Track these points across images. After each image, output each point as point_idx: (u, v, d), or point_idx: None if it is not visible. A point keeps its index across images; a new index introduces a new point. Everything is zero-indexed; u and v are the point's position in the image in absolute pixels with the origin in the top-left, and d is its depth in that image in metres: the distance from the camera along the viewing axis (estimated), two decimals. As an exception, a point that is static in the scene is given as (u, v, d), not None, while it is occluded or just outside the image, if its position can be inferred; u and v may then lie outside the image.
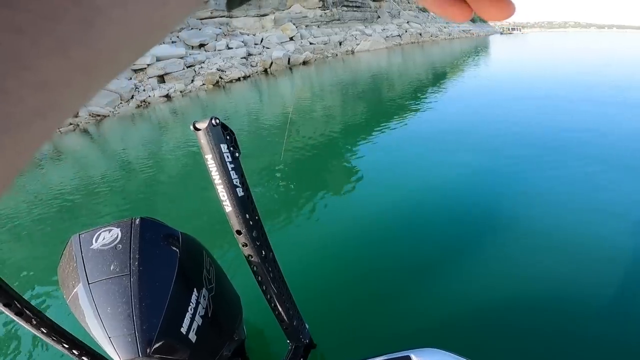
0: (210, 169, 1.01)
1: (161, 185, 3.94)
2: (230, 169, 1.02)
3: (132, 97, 9.04)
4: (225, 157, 1.01)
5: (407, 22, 25.79)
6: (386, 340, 1.51)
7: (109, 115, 8.11)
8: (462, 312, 1.61)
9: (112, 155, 5.54)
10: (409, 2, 28.87)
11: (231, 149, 1.04)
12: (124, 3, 0.10)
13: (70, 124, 7.46)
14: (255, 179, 3.46)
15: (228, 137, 1.04)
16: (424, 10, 30.88)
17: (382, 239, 2.21)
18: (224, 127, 1.01)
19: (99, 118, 7.94)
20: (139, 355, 0.72)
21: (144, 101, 8.99)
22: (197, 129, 0.98)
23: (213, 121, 0.98)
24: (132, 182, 4.06)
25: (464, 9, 0.21)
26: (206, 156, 1.00)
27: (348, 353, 1.46)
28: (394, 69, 11.96)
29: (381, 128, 4.78)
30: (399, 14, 26.16)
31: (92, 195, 3.71)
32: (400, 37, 23.11)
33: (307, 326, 1.32)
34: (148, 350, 0.72)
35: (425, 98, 6.55)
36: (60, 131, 7.23)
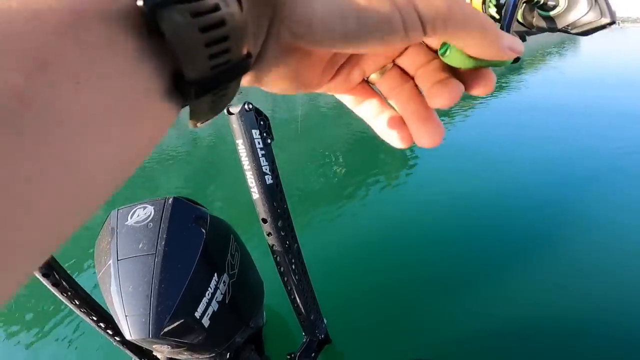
0: (240, 154, 1.00)
1: (208, 160, 4.11)
2: (260, 156, 1.00)
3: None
4: (256, 143, 0.99)
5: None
6: (404, 347, 1.46)
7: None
8: (489, 330, 1.52)
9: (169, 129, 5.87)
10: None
11: (264, 134, 1.02)
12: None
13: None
14: (294, 162, 3.47)
15: (262, 123, 1.01)
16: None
17: (418, 243, 2.11)
18: (257, 112, 0.99)
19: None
20: (149, 336, 0.73)
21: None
22: (230, 113, 0.96)
23: (246, 106, 0.96)
24: (185, 155, 4.25)
25: (405, 135, 0.22)
26: (237, 141, 0.99)
27: (363, 354, 1.43)
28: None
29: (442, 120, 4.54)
30: None
31: (151, 167, 3.93)
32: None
33: (325, 321, 1.30)
34: (159, 332, 0.74)
35: (494, 92, 6.06)
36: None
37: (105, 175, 0.12)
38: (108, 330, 1.02)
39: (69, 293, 0.93)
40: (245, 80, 0.19)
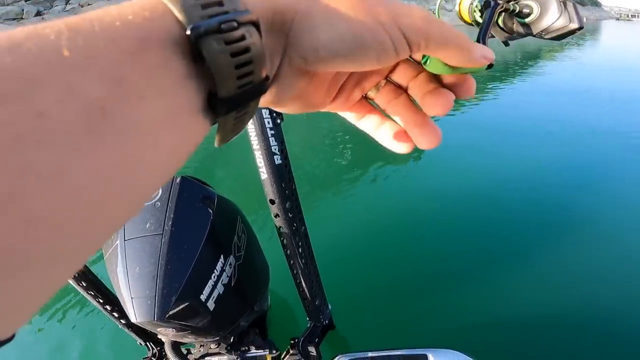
0: (250, 134, 0.96)
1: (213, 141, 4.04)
2: (269, 135, 0.96)
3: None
4: (266, 123, 0.95)
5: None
6: (406, 335, 1.47)
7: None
8: (492, 322, 1.53)
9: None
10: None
11: (274, 114, 0.97)
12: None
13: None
14: (303, 145, 3.42)
15: (272, 102, 0.96)
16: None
17: (424, 232, 2.09)
18: (268, 91, 0.94)
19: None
20: (154, 319, 0.71)
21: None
22: (240, 91, 0.92)
23: (257, 84, 0.91)
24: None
25: (405, 141, 0.25)
26: (246, 120, 0.94)
27: (366, 340, 1.43)
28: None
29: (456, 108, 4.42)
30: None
31: None
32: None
33: (329, 307, 1.28)
34: (164, 315, 0.72)
35: (507, 79, 5.92)
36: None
37: (158, 176, 0.15)
38: (114, 313, 1.01)
39: (77, 275, 0.91)
40: (263, 101, 0.21)
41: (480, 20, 0.49)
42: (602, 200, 2.33)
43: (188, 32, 0.14)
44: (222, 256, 0.92)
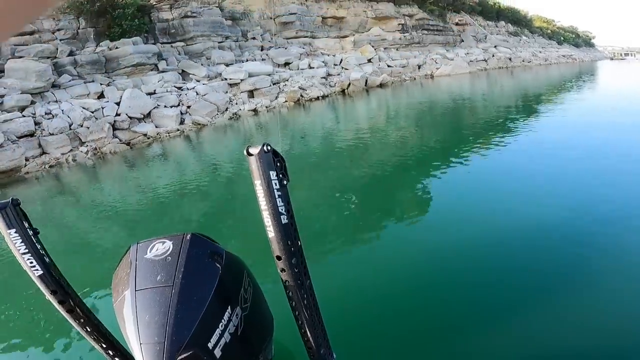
0: (258, 195, 1.05)
1: (229, 198, 4.20)
2: (276, 196, 1.05)
3: (227, 109, 10.03)
4: (273, 184, 1.05)
5: (495, 47, 24.38)
6: None
7: (207, 125, 9.14)
8: None
9: (200, 161, 6.14)
10: (497, 26, 27.35)
11: (280, 176, 1.07)
12: None
13: (177, 129, 8.61)
14: (312, 199, 3.51)
15: (278, 164, 1.07)
16: (515, 34, 28.94)
17: (427, 284, 2.08)
18: (275, 154, 1.05)
19: (199, 126, 9.02)
20: (162, 365, 0.77)
21: (235, 114, 9.98)
22: (249, 154, 1.02)
23: (265, 148, 1.02)
24: (209, 191, 4.38)
25: None
26: (255, 182, 1.04)
27: None
28: (476, 95, 11.31)
29: (455, 160, 4.45)
30: (486, 38, 24.92)
31: (176, 201, 4.04)
32: (486, 61, 21.88)
33: (334, 356, 1.29)
34: (172, 360, 0.78)
35: (510, 130, 6.02)
36: (169, 135, 8.24)
37: None
38: (116, 359, 1.06)
39: (82, 320, 0.98)
40: None
41: None
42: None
43: None
44: (229, 307, 0.99)
